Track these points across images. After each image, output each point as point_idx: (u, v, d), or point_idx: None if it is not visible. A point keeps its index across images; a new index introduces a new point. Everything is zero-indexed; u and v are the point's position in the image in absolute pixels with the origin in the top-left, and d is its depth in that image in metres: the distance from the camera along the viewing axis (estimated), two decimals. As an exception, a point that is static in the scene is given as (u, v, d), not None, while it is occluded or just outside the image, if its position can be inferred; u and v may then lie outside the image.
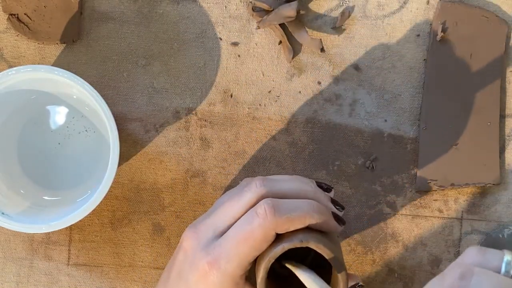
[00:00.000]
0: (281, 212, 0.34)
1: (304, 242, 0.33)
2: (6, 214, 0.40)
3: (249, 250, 0.35)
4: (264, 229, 0.34)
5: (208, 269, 0.35)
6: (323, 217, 0.35)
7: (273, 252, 0.33)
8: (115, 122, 0.39)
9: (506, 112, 0.46)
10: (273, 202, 0.35)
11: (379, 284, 0.46)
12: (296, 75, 0.46)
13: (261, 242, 0.34)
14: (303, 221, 0.35)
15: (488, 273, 0.29)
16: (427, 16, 0.46)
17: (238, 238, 0.35)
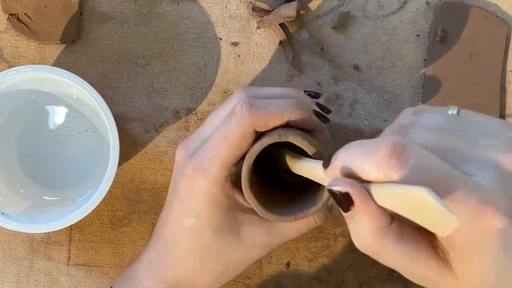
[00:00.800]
0: (257, 109, 0.34)
1: (283, 136, 0.32)
2: (6, 214, 0.40)
3: (229, 149, 0.35)
4: (241, 126, 0.34)
5: (193, 173, 0.36)
6: (303, 112, 0.35)
7: (253, 149, 0.33)
8: (115, 122, 0.39)
9: (506, 112, 0.46)
10: (249, 100, 0.35)
11: (379, 284, 0.46)
12: (296, 75, 0.46)
13: (239, 139, 0.34)
14: (281, 116, 0.34)
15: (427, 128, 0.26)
16: (427, 16, 0.46)
17: (217, 139, 0.35)
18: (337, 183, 0.25)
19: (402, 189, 0.22)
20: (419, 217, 0.22)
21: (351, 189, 0.24)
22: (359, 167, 0.24)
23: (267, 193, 0.36)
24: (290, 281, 0.46)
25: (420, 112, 0.28)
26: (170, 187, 0.39)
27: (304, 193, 0.37)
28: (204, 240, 0.37)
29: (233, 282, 0.46)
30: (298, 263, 0.46)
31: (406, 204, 0.22)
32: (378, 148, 0.23)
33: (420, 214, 0.22)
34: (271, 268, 0.46)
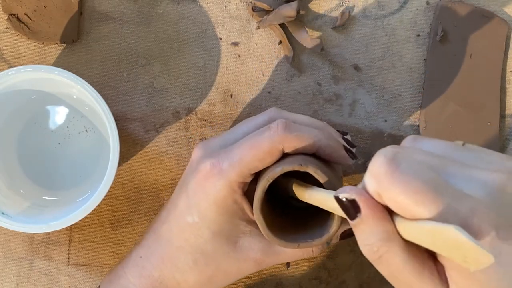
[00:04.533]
0: (292, 130, 0.35)
1: (303, 166, 0.32)
2: (6, 214, 0.40)
3: (253, 158, 0.35)
4: (272, 141, 0.34)
5: (209, 171, 0.36)
6: (332, 143, 0.35)
7: (272, 172, 0.33)
8: (115, 122, 0.39)
9: (506, 112, 0.46)
10: (287, 121, 0.35)
11: (379, 284, 0.46)
12: (296, 75, 0.46)
13: (266, 153, 0.34)
14: (312, 141, 0.34)
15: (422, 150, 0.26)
16: (427, 16, 0.46)
17: (245, 146, 0.35)
18: (344, 191, 0.26)
19: (431, 226, 0.22)
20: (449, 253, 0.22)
21: (358, 196, 0.25)
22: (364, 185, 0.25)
23: (273, 215, 0.36)
24: (290, 281, 0.46)
25: (420, 139, 0.28)
26: (179, 184, 0.39)
27: (310, 220, 0.37)
28: (201, 240, 0.37)
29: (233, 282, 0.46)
30: (298, 263, 0.46)
31: (435, 240, 0.22)
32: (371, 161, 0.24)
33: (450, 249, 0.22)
34: (271, 268, 0.46)
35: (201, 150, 0.38)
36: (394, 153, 0.24)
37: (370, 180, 0.24)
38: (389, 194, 0.24)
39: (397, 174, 0.23)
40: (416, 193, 0.23)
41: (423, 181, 0.23)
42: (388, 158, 0.24)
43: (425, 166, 0.24)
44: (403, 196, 0.23)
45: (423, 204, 0.23)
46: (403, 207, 0.23)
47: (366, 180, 0.25)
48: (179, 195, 0.38)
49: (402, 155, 0.24)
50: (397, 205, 0.24)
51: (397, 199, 0.23)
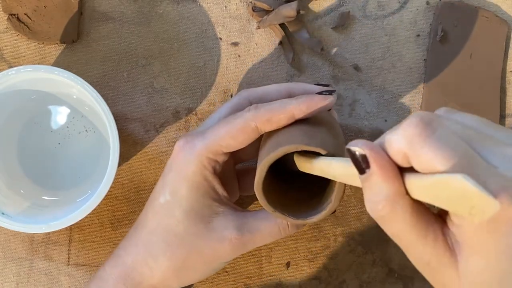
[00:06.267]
0: (262, 106, 0.36)
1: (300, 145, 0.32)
2: (6, 214, 0.40)
3: (225, 134, 0.36)
4: (244, 118, 0.35)
5: (182, 146, 0.37)
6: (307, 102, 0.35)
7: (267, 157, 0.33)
8: (115, 122, 0.39)
9: (506, 112, 0.46)
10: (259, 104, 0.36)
11: (379, 284, 0.46)
12: (296, 75, 0.46)
13: (238, 130, 0.35)
14: (285, 110, 0.35)
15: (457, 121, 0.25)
16: (427, 16, 0.46)
17: (218, 124, 0.36)
18: (356, 144, 0.25)
19: (438, 177, 0.22)
20: (456, 205, 0.22)
21: (370, 151, 0.24)
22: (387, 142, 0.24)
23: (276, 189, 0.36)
24: (290, 281, 0.46)
25: (454, 111, 0.27)
26: None
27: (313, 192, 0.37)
28: (173, 220, 0.36)
29: (233, 282, 0.46)
30: (298, 263, 0.46)
31: (442, 193, 0.22)
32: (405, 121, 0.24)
33: (456, 201, 0.22)
34: (271, 268, 0.46)
35: (180, 140, 0.38)
36: (431, 118, 0.23)
37: (401, 138, 0.24)
38: (418, 157, 0.23)
39: (432, 140, 0.23)
40: (448, 161, 0.22)
41: (456, 151, 0.22)
42: (425, 121, 0.23)
43: (460, 137, 0.23)
44: (434, 162, 0.22)
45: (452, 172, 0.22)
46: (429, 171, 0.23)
47: (394, 137, 0.24)
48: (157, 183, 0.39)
49: (439, 122, 0.23)
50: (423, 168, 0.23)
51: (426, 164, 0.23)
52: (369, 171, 0.25)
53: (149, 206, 0.38)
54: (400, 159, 0.24)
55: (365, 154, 0.25)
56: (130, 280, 0.37)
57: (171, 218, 0.36)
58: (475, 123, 0.25)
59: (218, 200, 0.37)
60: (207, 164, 0.36)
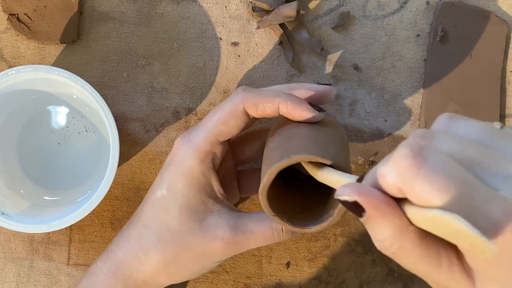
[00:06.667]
0: (251, 90, 0.36)
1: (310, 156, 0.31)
2: (6, 214, 0.40)
3: (217, 121, 0.36)
4: (232, 102, 0.36)
5: (180, 141, 0.37)
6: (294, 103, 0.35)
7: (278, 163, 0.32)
8: (115, 122, 0.39)
9: (506, 112, 0.46)
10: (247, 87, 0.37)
11: (379, 284, 0.46)
12: (296, 75, 0.46)
13: (228, 114, 0.36)
14: (272, 99, 0.35)
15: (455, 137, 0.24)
16: (427, 16, 0.46)
17: (209, 113, 0.37)
18: (343, 193, 0.24)
19: (434, 214, 0.21)
20: (456, 240, 0.21)
21: (359, 197, 0.23)
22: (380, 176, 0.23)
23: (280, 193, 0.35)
24: (290, 281, 0.46)
25: (455, 118, 0.25)
26: None
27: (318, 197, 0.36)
28: (167, 215, 0.36)
29: (233, 282, 0.46)
30: (298, 263, 0.46)
31: (442, 228, 0.21)
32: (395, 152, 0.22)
33: (456, 237, 0.21)
34: (271, 268, 0.46)
35: (178, 138, 0.38)
36: (421, 145, 0.22)
37: (392, 173, 0.22)
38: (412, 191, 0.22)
39: (424, 171, 0.21)
40: (444, 193, 0.21)
41: (452, 179, 0.21)
42: (415, 151, 0.21)
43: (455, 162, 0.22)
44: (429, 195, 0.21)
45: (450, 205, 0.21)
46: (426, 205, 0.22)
47: (386, 170, 0.23)
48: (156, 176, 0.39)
49: (430, 147, 0.22)
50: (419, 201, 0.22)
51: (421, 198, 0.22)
52: (365, 214, 0.23)
53: (146, 200, 0.38)
54: (395, 192, 0.23)
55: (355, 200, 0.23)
56: (120, 274, 0.37)
57: (166, 212, 0.36)
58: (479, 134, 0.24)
59: (213, 198, 0.37)
60: (205, 157, 0.36)
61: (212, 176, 0.37)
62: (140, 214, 0.38)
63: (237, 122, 0.36)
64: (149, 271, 0.37)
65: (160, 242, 0.36)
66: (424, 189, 0.21)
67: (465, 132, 0.24)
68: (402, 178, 0.22)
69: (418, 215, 0.22)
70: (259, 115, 0.36)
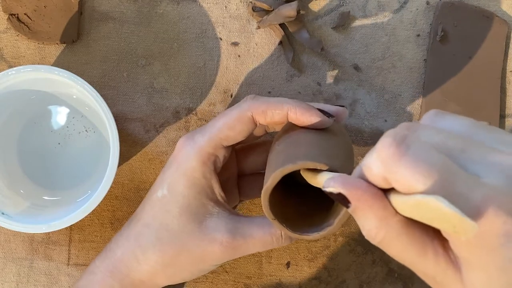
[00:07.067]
0: (259, 98, 0.36)
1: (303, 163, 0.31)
2: (6, 214, 0.40)
3: (222, 125, 0.36)
4: (240, 108, 0.36)
5: (183, 142, 0.37)
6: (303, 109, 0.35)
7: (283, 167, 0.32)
8: (115, 122, 0.39)
9: (506, 112, 0.46)
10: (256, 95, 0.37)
11: (379, 284, 0.46)
12: (296, 75, 0.46)
13: (234, 119, 0.36)
14: (280, 106, 0.35)
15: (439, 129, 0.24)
16: (427, 16, 0.46)
17: (216, 117, 0.37)
18: (328, 184, 0.25)
19: (417, 199, 0.22)
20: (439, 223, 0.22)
21: (343, 189, 0.24)
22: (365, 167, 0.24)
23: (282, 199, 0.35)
24: (290, 281, 0.46)
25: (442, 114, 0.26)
26: None
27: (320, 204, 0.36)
28: (167, 215, 0.36)
29: (233, 282, 0.46)
30: (298, 263, 0.46)
31: (425, 213, 0.22)
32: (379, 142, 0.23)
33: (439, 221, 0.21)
34: (271, 268, 0.46)
35: (182, 138, 0.38)
36: (403, 135, 0.23)
37: (376, 162, 0.23)
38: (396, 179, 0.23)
39: (406, 158, 0.22)
40: (426, 179, 0.21)
41: (434, 166, 0.22)
42: (397, 140, 0.22)
43: (437, 150, 0.22)
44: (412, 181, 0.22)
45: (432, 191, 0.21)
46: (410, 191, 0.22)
47: (370, 161, 0.24)
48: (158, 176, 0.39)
49: (413, 137, 0.23)
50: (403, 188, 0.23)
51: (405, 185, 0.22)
52: (351, 205, 0.24)
53: (146, 199, 0.38)
54: (381, 182, 0.24)
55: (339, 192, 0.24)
56: (117, 273, 0.37)
57: (166, 213, 0.36)
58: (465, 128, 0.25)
59: (214, 200, 0.37)
60: (207, 159, 0.36)
61: (213, 178, 0.37)
62: (140, 213, 0.38)
63: (243, 128, 0.36)
64: (146, 270, 0.37)
65: (159, 242, 0.36)
66: (407, 176, 0.22)
67: (450, 126, 0.25)
68: (386, 167, 0.23)
69: (403, 203, 0.23)
70: (267, 122, 0.36)
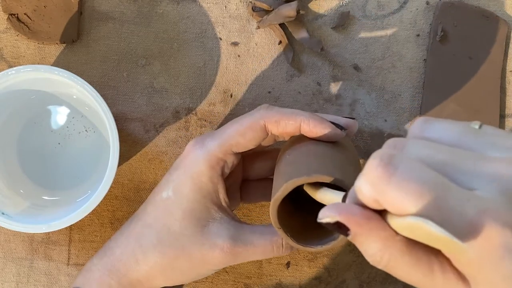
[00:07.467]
0: (273, 108, 0.36)
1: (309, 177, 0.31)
2: (6, 214, 0.40)
3: (234, 131, 0.36)
4: (253, 117, 0.36)
5: (193, 145, 0.37)
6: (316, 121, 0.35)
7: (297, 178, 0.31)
8: (115, 122, 0.39)
9: (506, 112, 0.46)
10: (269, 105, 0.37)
11: (379, 284, 0.46)
12: (296, 75, 0.46)
13: (246, 127, 0.36)
14: (294, 117, 0.35)
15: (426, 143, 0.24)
16: (427, 16, 0.46)
17: (228, 124, 0.37)
18: (324, 215, 0.24)
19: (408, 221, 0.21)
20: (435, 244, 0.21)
21: (340, 216, 0.23)
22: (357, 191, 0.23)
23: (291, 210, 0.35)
24: (290, 281, 0.46)
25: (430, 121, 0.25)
26: None
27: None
28: (170, 218, 0.36)
29: (233, 282, 0.46)
30: (298, 263, 0.46)
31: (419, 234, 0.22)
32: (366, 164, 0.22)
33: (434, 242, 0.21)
34: (271, 268, 0.46)
35: (191, 141, 0.38)
36: (390, 155, 0.22)
37: (366, 185, 0.22)
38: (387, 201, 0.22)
39: (394, 179, 0.21)
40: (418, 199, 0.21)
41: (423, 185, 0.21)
42: (384, 161, 0.22)
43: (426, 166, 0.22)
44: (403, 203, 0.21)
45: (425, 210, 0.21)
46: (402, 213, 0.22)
47: (361, 185, 0.23)
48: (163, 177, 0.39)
49: (400, 156, 0.22)
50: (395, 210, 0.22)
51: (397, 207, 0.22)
52: (350, 232, 0.24)
53: (150, 200, 0.38)
54: (375, 205, 0.23)
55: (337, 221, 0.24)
56: (115, 272, 0.37)
57: (169, 215, 0.36)
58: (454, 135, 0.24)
59: (218, 205, 0.37)
60: (216, 164, 0.36)
61: (220, 183, 0.37)
62: (142, 213, 0.38)
63: (255, 136, 0.36)
64: (145, 271, 0.37)
65: (159, 244, 0.36)
66: (398, 197, 0.21)
67: (439, 134, 0.24)
68: (376, 189, 0.22)
69: (398, 224, 0.23)
70: (280, 132, 0.36)
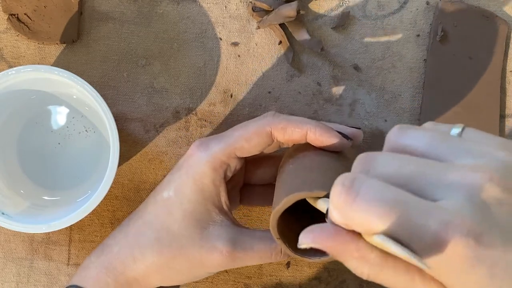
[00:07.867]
0: (280, 115, 0.36)
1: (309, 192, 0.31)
2: (6, 214, 0.40)
3: (239, 137, 0.36)
4: (259, 123, 0.36)
5: (197, 147, 0.37)
6: (322, 129, 0.35)
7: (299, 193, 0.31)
8: (115, 122, 0.39)
9: (506, 112, 0.46)
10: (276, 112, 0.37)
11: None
12: (296, 75, 0.46)
13: (252, 133, 0.36)
14: (300, 125, 0.35)
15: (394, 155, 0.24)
16: (427, 16, 0.46)
17: (233, 128, 0.37)
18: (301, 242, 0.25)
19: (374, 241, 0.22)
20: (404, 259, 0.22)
21: (314, 244, 0.24)
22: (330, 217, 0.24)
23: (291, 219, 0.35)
24: (290, 281, 0.46)
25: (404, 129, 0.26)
26: None
27: None
28: (170, 218, 0.36)
29: (233, 282, 0.46)
30: (298, 263, 0.46)
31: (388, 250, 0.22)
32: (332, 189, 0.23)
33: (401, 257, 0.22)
34: (271, 268, 0.46)
35: (195, 143, 0.38)
36: (352, 179, 0.23)
37: (334, 211, 0.23)
38: (354, 224, 0.23)
39: (357, 203, 0.22)
40: (381, 219, 0.21)
41: (385, 205, 0.22)
42: (347, 185, 0.22)
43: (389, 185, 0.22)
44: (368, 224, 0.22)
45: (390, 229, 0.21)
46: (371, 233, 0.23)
47: (330, 211, 0.24)
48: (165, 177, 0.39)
49: (361, 179, 0.23)
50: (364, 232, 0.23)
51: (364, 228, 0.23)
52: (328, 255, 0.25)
53: (150, 199, 0.38)
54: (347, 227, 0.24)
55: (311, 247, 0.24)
56: (112, 269, 0.37)
57: (169, 215, 0.36)
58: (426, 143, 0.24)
59: (219, 208, 0.37)
60: (219, 167, 0.36)
61: (222, 186, 0.37)
62: (142, 212, 0.38)
63: (260, 142, 0.36)
64: (142, 270, 0.37)
65: (157, 243, 0.36)
66: (363, 219, 0.22)
67: (412, 142, 0.25)
68: (342, 214, 0.23)
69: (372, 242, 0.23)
70: (285, 139, 0.36)
